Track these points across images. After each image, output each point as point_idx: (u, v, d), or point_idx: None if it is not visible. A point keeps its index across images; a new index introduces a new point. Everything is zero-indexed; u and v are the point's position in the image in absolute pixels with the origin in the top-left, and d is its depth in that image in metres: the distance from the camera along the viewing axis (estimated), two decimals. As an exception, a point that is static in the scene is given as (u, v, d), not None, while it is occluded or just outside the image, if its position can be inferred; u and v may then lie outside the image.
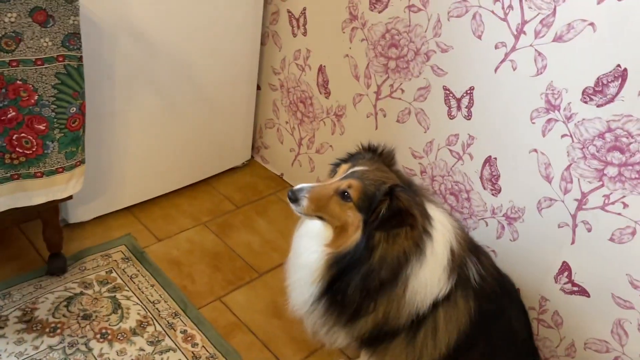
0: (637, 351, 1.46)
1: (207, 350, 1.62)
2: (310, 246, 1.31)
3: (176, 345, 1.62)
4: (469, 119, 1.65)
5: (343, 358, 1.67)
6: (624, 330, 1.47)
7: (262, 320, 1.76)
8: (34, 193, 1.50)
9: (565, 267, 1.54)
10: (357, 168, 1.25)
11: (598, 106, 1.35)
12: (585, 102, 1.37)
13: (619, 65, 1.29)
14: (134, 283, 1.80)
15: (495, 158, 1.62)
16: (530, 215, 1.58)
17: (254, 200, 2.29)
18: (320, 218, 1.28)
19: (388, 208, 1.18)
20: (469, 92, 1.62)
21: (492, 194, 1.66)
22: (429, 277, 1.25)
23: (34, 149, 1.44)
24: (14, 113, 1.36)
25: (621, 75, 1.29)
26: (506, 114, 1.55)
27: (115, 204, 2.04)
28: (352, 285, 1.24)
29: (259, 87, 2.34)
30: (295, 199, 1.24)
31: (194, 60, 1.97)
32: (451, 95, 1.66)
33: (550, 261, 1.57)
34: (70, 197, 1.62)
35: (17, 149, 1.41)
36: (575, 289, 1.54)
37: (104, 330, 1.63)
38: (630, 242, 1.39)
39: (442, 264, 1.26)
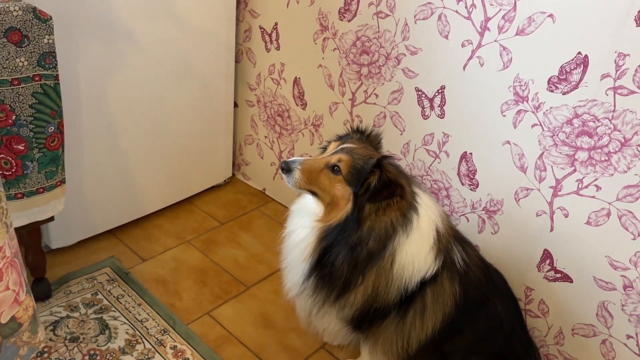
0: (623, 332, 1.49)
1: (198, 364, 1.61)
2: (303, 222, 1.35)
3: (166, 361, 1.61)
4: (442, 118, 1.69)
5: None
6: (608, 312, 1.50)
7: (252, 332, 1.75)
8: (15, 215, 1.50)
9: (546, 255, 1.57)
10: (346, 145, 1.31)
11: (564, 94, 1.40)
12: (552, 91, 1.42)
13: (579, 53, 1.34)
14: (121, 303, 1.78)
15: (471, 153, 1.66)
16: (509, 206, 1.62)
17: (238, 216, 2.29)
18: (312, 192, 1.32)
19: (378, 179, 1.22)
20: (440, 91, 1.66)
21: (471, 189, 1.70)
22: (415, 253, 1.28)
23: (13, 170, 1.43)
24: (-9, 134, 1.36)
25: (582, 62, 1.34)
26: (478, 109, 1.59)
27: (97, 228, 2.02)
28: (341, 257, 1.27)
29: (236, 105, 2.37)
30: (288, 170, 1.29)
31: (170, 82, 1.99)
32: (424, 95, 1.71)
33: (531, 250, 1.60)
34: (52, 219, 1.61)
35: (-4, 171, 1.41)
36: (558, 275, 1.57)
37: (92, 352, 1.60)
38: (606, 224, 1.43)
39: (429, 242, 1.30)
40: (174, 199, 2.26)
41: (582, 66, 1.35)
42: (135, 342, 1.65)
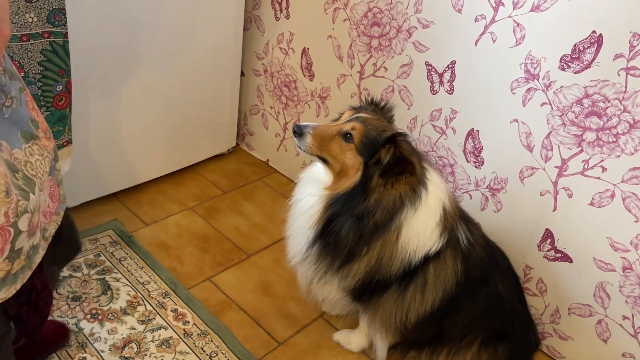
0: (619, 313, 1.50)
1: (198, 328, 1.63)
2: (311, 190, 1.35)
3: (167, 323, 1.62)
4: (451, 94, 1.68)
5: (338, 333, 1.68)
6: (606, 292, 1.51)
7: (252, 298, 1.77)
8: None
9: (548, 235, 1.58)
10: (361, 114, 1.31)
11: (575, 73, 1.39)
12: (563, 70, 1.41)
13: (594, 32, 1.33)
14: (123, 265, 1.79)
15: (478, 130, 1.66)
16: (513, 185, 1.62)
17: (241, 185, 2.30)
18: (322, 159, 1.32)
19: (392, 155, 1.23)
20: (450, 66, 1.65)
21: (476, 167, 1.70)
22: (421, 228, 1.29)
23: (20, 127, 1.43)
24: None
25: (596, 41, 1.33)
26: (487, 86, 1.58)
27: (102, 190, 2.03)
28: (346, 226, 1.27)
29: (242, 74, 2.35)
30: (300, 133, 1.29)
31: (178, 49, 1.98)
32: (433, 70, 1.70)
33: (533, 229, 1.61)
34: (57, 179, 1.62)
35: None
36: (558, 255, 1.58)
37: (94, 311, 1.62)
38: (609, 206, 1.43)
39: (435, 219, 1.30)
40: (177, 166, 2.26)
41: (595, 45, 1.34)
42: (136, 303, 1.67)
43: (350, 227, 1.27)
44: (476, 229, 1.47)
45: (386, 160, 1.23)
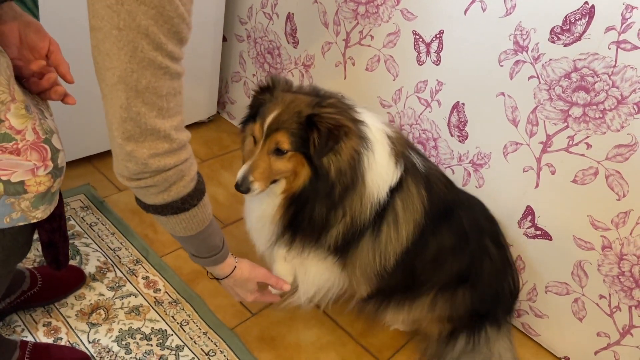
0: (597, 292, 1.50)
1: (169, 296, 1.59)
2: (263, 199, 1.31)
3: (138, 290, 1.58)
4: (438, 65, 1.64)
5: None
6: (584, 271, 1.50)
7: (226, 268, 1.73)
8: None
9: (529, 212, 1.56)
10: (268, 119, 1.21)
11: (565, 45, 1.35)
12: (553, 42, 1.37)
13: (586, 2, 1.29)
14: (94, 231, 1.74)
15: (463, 104, 1.62)
16: (496, 160, 1.59)
17: (220, 154, 2.24)
18: (273, 182, 1.27)
19: (318, 136, 1.18)
20: (438, 36, 1.60)
21: (459, 141, 1.66)
22: (380, 165, 1.27)
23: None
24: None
25: (588, 12, 1.29)
26: (475, 58, 1.54)
27: (73, 154, 1.96)
28: (317, 208, 1.25)
29: (225, 39, 2.27)
30: (247, 189, 1.22)
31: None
32: (421, 40, 1.65)
33: (514, 206, 1.59)
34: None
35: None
36: (538, 232, 1.56)
37: (61, 276, 1.57)
38: (592, 183, 1.41)
39: (386, 150, 1.29)
40: (154, 132, 2.19)
41: (587, 17, 1.30)
42: (106, 269, 1.62)
43: (321, 207, 1.25)
44: (430, 163, 1.46)
45: (318, 143, 1.18)
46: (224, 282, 1.28)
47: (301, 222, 1.28)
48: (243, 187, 1.21)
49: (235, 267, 1.25)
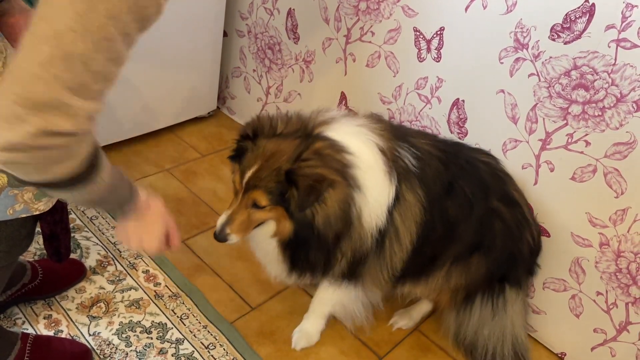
0: (594, 288, 1.51)
1: (169, 290, 1.59)
2: (262, 238, 1.33)
3: (138, 284, 1.59)
4: (438, 61, 1.64)
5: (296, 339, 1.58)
6: (581, 268, 1.51)
7: (226, 263, 1.74)
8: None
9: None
10: (247, 174, 1.19)
11: (565, 43, 1.36)
12: (553, 40, 1.38)
13: (586, 1, 1.29)
14: (94, 224, 1.74)
15: (463, 101, 1.62)
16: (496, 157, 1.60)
17: (220, 149, 2.24)
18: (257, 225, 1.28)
19: (298, 191, 1.15)
20: (439, 32, 1.61)
21: (459, 138, 1.67)
22: (375, 195, 1.25)
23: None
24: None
25: (589, 10, 1.30)
26: (475, 55, 1.55)
27: (74, 147, 1.96)
28: (312, 253, 1.26)
29: (225, 34, 2.28)
30: (224, 239, 1.24)
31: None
32: (421, 36, 1.65)
33: (513, 203, 1.60)
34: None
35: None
36: (537, 229, 1.57)
37: (61, 269, 1.58)
38: (590, 181, 1.42)
39: (381, 171, 1.25)
40: (155, 127, 2.20)
41: (587, 15, 1.30)
42: (107, 263, 1.63)
43: (315, 252, 1.26)
44: (421, 139, 1.40)
45: (298, 199, 1.16)
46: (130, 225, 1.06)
47: (301, 262, 1.30)
48: (220, 237, 1.24)
49: (150, 205, 1.07)
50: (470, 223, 1.40)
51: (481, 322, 1.52)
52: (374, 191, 1.24)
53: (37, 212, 1.03)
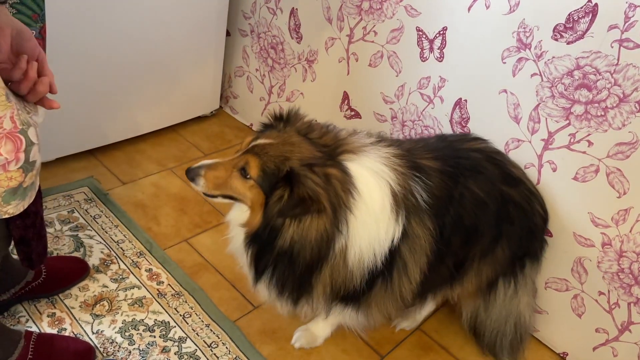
0: (596, 288, 1.51)
1: (172, 288, 1.60)
2: (233, 228, 1.27)
3: (141, 282, 1.59)
4: (441, 61, 1.64)
5: (298, 337, 1.57)
6: (584, 268, 1.51)
7: (229, 262, 1.74)
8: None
9: (529, 208, 1.57)
10: (259, 141, 1.16)
11: (568, 43, 1.36)
12: (556, 40, 1.38)
13: (589, 1, 1.30)
14: (97, 223, 1.75)
15: (466, 100, 1.63)
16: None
17: (222, 149, 2.25)
18: (229, 197, 1.21)
19: (290, 194, 1.10)
20: (441, 32, 1.61)
21: (461, 137, 1.67)
22: (372, 237, 1.19)
23: (-10, 72, 1.36)
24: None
25: (592, 10, 1.30)
26: (478, 54, 1.55)
27: (77, 146, 1.97)
28: (277, 271, 1.20)
29: (228, 33, 2.28)
30: (192, 178, 1.18)
31: (161, 4, 1.90)
32: (424, 36, 1.66)
33: (515, 203, 1.60)
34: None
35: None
36: (539, 229, 1.57)
37: (65, 267, 1.58)
38: (593, 180, 1.42)
39: (386, 214, 1.19)
40: (158, 126, 2.20)
41: (590, 15, 1.30)
42: (110, 261, 1.64)
43: (281, 272, 1.18)
44: (424, 152, 1.34)
45: (284, 199, 1.10)
46: None
47: (271, 277, 1.22)
48: (191, 174, 1.18)
49: None
50: (488, 220, 1.37)
51: (505, 303, 1.51)
52: (366, 236, 1.18)
53: (6, 216, 1.00)
